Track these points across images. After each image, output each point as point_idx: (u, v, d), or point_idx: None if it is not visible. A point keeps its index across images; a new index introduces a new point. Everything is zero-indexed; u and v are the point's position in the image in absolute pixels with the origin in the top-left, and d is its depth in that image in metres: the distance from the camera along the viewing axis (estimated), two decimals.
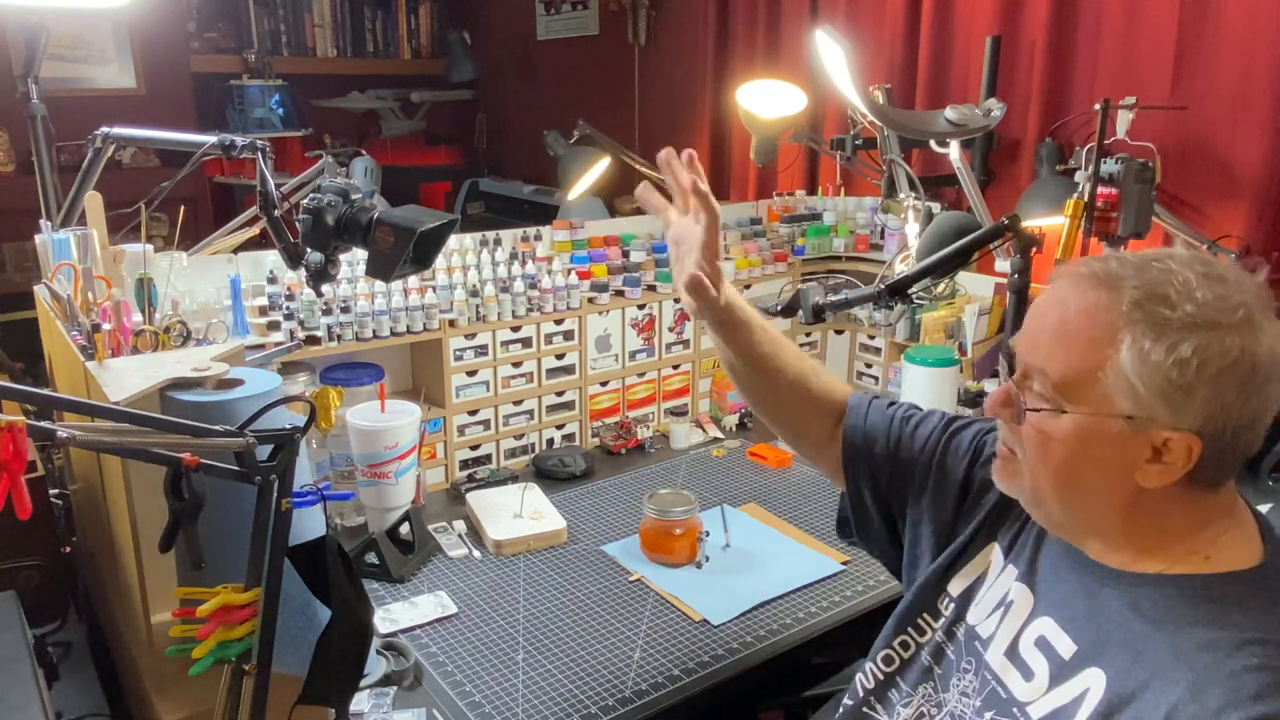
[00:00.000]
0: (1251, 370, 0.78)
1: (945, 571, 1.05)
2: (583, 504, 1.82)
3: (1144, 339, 0.79)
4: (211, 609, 0.91)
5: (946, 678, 0.99)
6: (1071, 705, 0.84)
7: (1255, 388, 0.79)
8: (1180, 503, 0.85)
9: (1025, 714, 0.88)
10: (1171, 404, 0.79)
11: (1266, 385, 0.80)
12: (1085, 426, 0.84)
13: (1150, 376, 0.79)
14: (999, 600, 0.98)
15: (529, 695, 1.26)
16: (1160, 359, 0.78)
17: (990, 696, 0.93)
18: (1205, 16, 1.92)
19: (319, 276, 1.35)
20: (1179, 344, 0.78)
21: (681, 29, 3.35)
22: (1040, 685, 0.88)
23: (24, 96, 1.89)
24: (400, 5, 4.33)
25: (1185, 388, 0.78)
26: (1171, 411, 0.80)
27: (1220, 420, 0.79)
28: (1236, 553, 0.85)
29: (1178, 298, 0.79)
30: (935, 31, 2.42)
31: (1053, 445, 0.86)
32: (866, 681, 1.06)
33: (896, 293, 1.56)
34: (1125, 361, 0.80)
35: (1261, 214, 1.88)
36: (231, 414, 1.03)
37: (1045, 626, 0.91)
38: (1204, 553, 0.85)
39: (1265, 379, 0.79)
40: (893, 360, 2.29)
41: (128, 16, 3.50)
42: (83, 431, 0.79)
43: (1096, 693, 0.83)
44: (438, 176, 4.50)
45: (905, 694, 1.03)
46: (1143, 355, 0.79)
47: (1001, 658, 0.93)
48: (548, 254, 2.03)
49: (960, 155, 1.94)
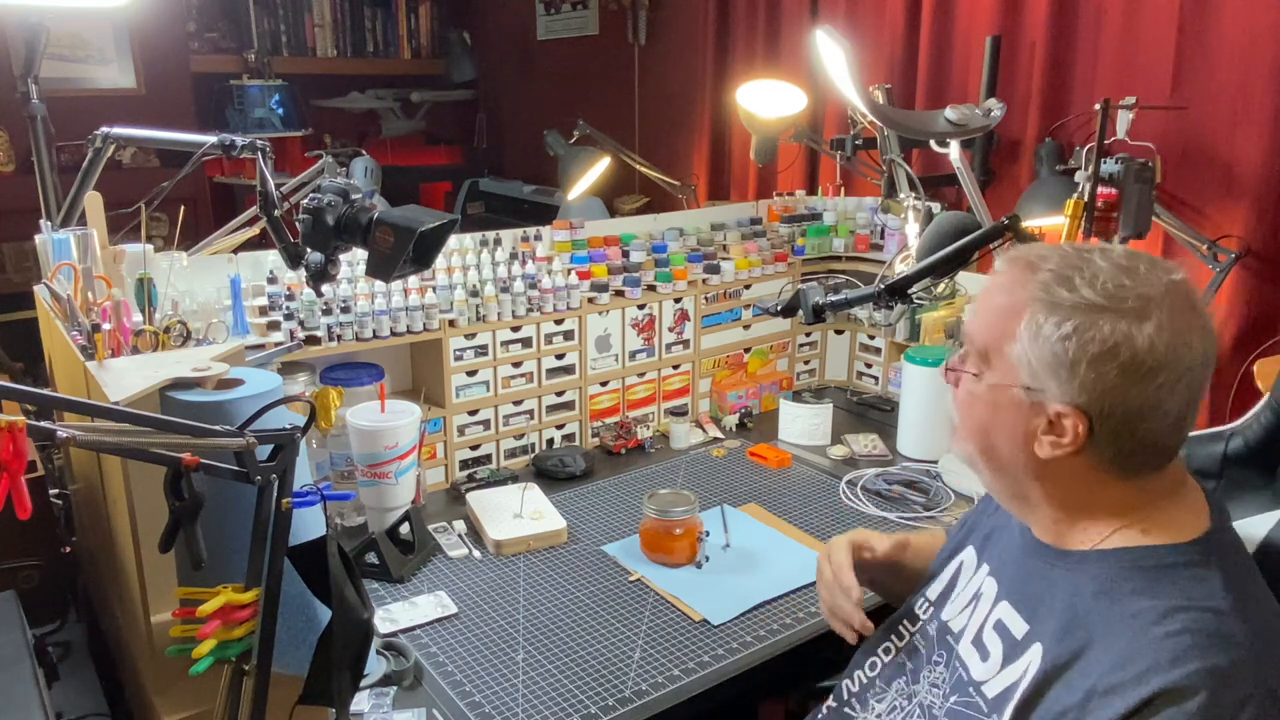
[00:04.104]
0: (1132, 357, 0.82)
1: (926, 581, 1.12)
2: (583, 504, 1.82)
3: (1039, 315, 0.86)
4: (212, 609, 0.91)
5: (918, 671, 1.03)
6: (1017, 682, 0.88)
7: (1139, 376, 0.82)
8: (1104, 484, 0.89)
9: (981, 693, 0.92)
10: (1058, 379, 0.85)
11: (1153, 376, 0.82)
12: (996, 393, 0.91)
13: (1039, 351, 0.86)
14: (971, 595, 1.02)
15: (529, 695, 1.26)
16: (1049, 334, 0.85)
17: (956, 683, 0.96)
18: (1205, 16, 1.92)
19: (319, 276, 1.35)
20: (1063, 322, 0.84)
21: (681, 29, 3.35)
22: (995, 665, 0.92)
23: (24, 96, 1.89)
24: (400, 5, 4.33)
25: (1069, 365, 0.84)
26: (1059, 386, 0.85)
27: (1105, 403, 0.84)
28: (1178, 527, 0.88)
29: (1080, 282, 0.85)
30: (935, 31, 2.42)
31: (975, 408, 0.94)
32: (852, 685, 1.12)
33: (896, 293, 1.56)
34: (1023, 335, 0.87)
35: (1261, 214, 1.88)
36: (231, 414, 1.03)
37: (1003, 610, 0.95)
38: (1140, 526, 0.88)
39: (1150, 369, 0.82)
40: (893, 360, 2.29)
41: (128, 16, 3.50)
42: (83, 431, 0.79)
43: (1035, 666, 0.87)
44: (438, 176, 4.51)
45: (879, 690, 1.07)
46: (1036, 330, 0.86)
47: (969, 645, 0.98)
48: (548, 254, 2.03)
49: (960, 155, 1.94)
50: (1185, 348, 0.83)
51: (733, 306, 2.22)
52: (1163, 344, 0.82)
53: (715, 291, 2.17)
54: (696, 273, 2.14)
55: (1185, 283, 0.86)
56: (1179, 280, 0.86)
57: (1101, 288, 0.84)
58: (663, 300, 2.09)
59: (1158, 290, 0.84)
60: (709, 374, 2.23)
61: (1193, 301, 0.86)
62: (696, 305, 2.15)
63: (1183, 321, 0.83)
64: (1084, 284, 0.85)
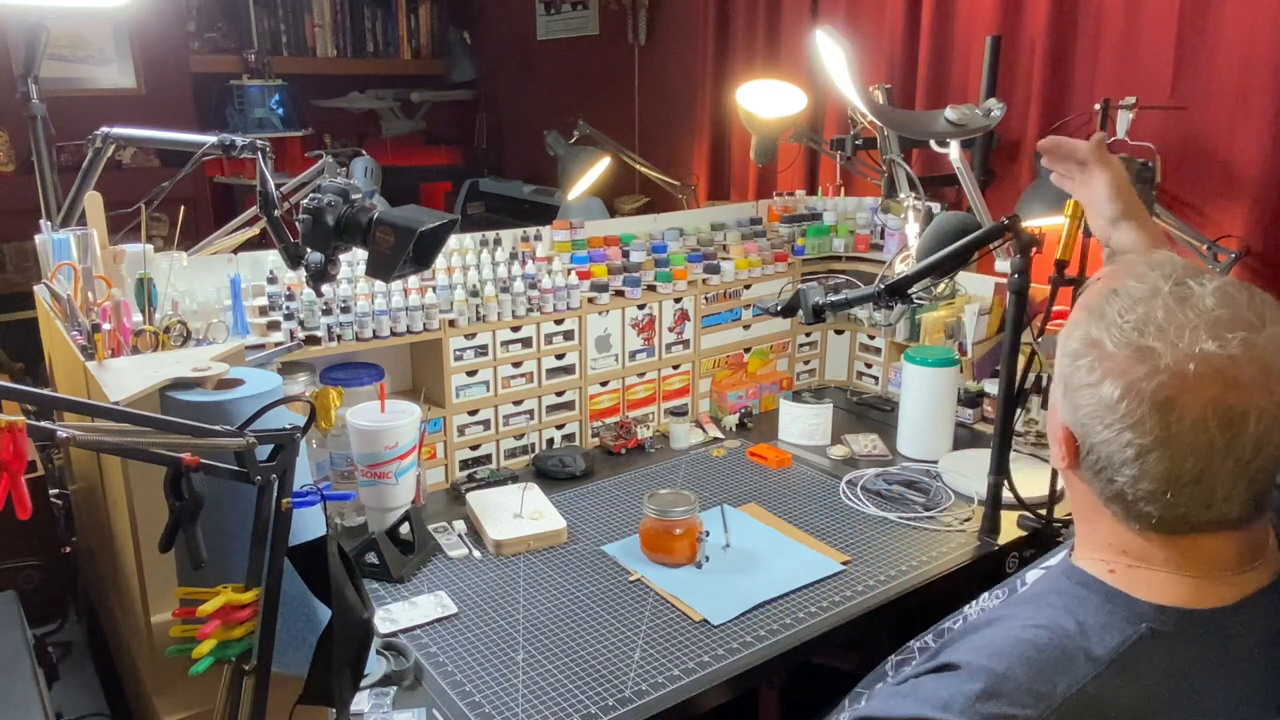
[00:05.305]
0: (1109, 402, 0.79)
1: None
2: (583, 504, 1.82)
3: (1071, 328, 0.86)
4: (212, 609, 0.91)
5: None
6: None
7: (1111, 420, 0.79)
8: (1107, 518, 0.85)
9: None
10: (1062, 392, 0.85)
11: (1124, 426, 0.78)
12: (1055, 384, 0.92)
13: (1059, 360, 0.87)
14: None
15: (529, 695, 1.26)
16: (1062, 347, 0.86)
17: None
18: (1205, 16, 1.92)
19: (319, 276, 1.35)
20: (1067, 343, 0.85)
21: (681, 29, 3.35)
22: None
23: (24, 96, 1.89)
24: (400, 5, 4.33)
25: (1065, 384, 0.84)
26: (1061, 399, 0.86)
27: (1085, 431, 0.82)
28: (1149, 586, 0.83)
29: (1109, 308, 0.82)
30: (935, 31, 2.42)
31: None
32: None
33: (896, 293, 1.56)
34: (1060, 340, 0.88)
35: (1261, 214, 1.88)
36: (231, 414, 1.03)
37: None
38: (1111, 565, 0.86)
39: (1120, 417, 0.78)
40: (893, 360, 2.29)
41: (128, 16, 3.50)
42: (83, 431, 0.79)
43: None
44: (438, 176, 4.51)
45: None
46: (1063, 340, 0.87)
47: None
48: (548, 254, 2.03)
49: (960, 155, 1.94)
50: (1177, 423, 0.76)
51: (733, 306, 2.22)
52: (1140, 408, 0.77)
53: (715, 291, 2.17)
54: (696, 273, 2.14)
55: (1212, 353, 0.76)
56: (1208, 351, 0.75)
57: (1116, 321, 0.80)
58: (663, 300, 2.09)
59: (1167, 349, 0.76)
60: (709, 374, 2.23)
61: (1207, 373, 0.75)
62: (696, 305, 2.15)
63: (1197, 399, 0.75)
64: (1111, 311, 0.81)
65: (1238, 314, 0.77)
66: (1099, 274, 0.92)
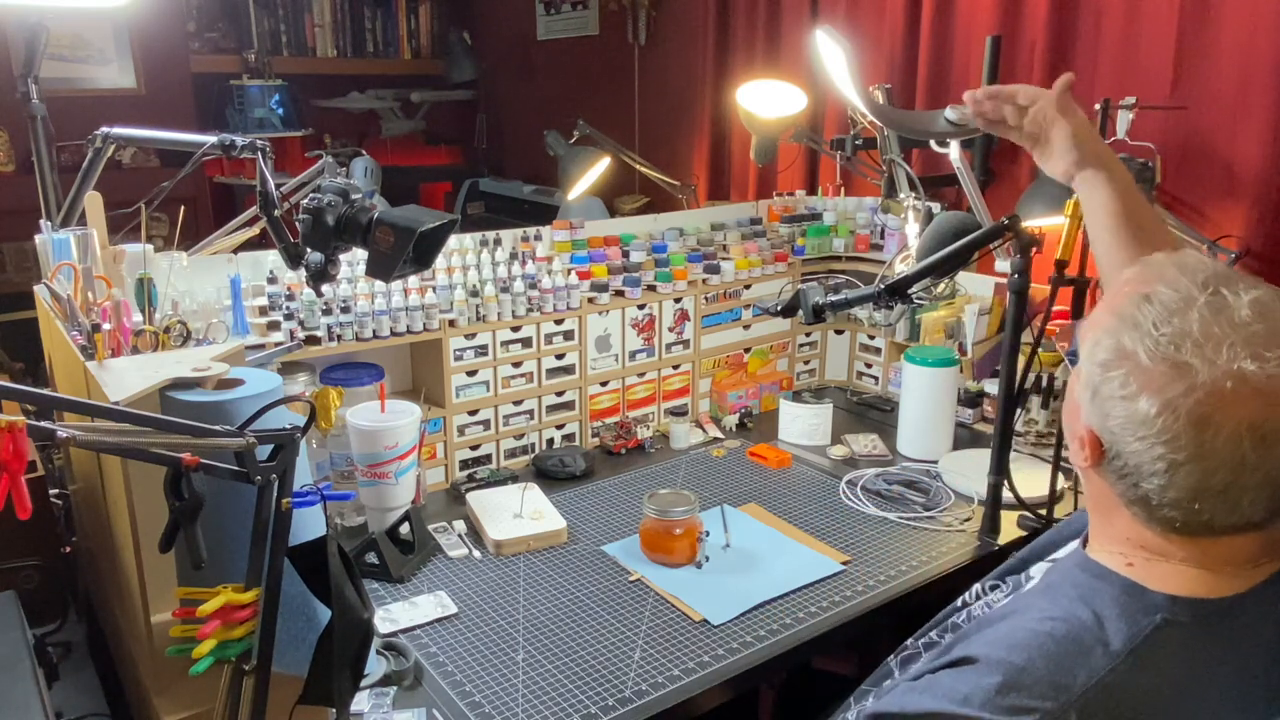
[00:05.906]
0: (1144, 418, 0.78)
1: None
2: (583, 504, 1.82)
3: (1100, 335, 0.85)
4: (212, 609, 0.91)
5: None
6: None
7: (1145, 434, 0.79)
8: (1126, 517, 0.86)
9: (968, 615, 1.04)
10: (1090, 397, 0.85)
11: (1158, 441, 0.78)
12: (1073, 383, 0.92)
13: (1086, 367, 0.86)
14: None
15: (529, 695, 1.26)
16: (1090, 354, 0.85)
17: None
18: (1205, 16, 1.92)
19: (319, 276, 1.35)
20: (1096, 350, 0.84)
21: (681, 29, 3.35)
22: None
23: (24, 96, 1.89)
24: (400, 5, 4.33)
25: (1094, 391, 0.84)
26: (1088, 404, 0.85)
27: (1114, 439, 0.82)
28: (1164, 578, 0.84)
29: (1142, 317, 0.81)
30: (935, 31, 2.42)
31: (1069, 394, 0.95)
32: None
33: (896, 293, 1.56)
34: (1086, 345, 0.87)
35: (1261, 214, 1.88)
36: (231, 414, 1.03)
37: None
38: (1129, 559, 0.87)
39: (1156, 432, 0.78)
40: (893, 360, 2.29)
41: (128, 16, 3.50)
42: (83, 431, 0.79)
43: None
44: (438, 176, 4.51)
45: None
46: (1091, 346, 0.86)
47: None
48: (548, 254, 2.03)
49: (960, 155, 1.94)
50: (1212, 440, 0.76)
51: (733, 306, 2.22)
52: (1176, 424, 0.77)
53: (715, 291, 2.17)
54: (696, 273, 2.14)
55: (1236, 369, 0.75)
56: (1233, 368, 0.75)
57: (1149, 331, 0.79)
58: (663, 300, 2.09)
59: (1200, 366, 0.76)
60: (709, 374, 2.23)
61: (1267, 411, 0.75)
62: (696, 305, 2.15)
63: (1232, 417, 0.75)
64: (1145, 321, 0.80)
65: (1274, 329, 0.77)
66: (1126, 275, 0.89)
